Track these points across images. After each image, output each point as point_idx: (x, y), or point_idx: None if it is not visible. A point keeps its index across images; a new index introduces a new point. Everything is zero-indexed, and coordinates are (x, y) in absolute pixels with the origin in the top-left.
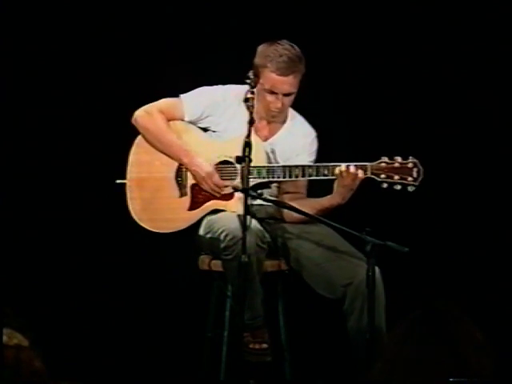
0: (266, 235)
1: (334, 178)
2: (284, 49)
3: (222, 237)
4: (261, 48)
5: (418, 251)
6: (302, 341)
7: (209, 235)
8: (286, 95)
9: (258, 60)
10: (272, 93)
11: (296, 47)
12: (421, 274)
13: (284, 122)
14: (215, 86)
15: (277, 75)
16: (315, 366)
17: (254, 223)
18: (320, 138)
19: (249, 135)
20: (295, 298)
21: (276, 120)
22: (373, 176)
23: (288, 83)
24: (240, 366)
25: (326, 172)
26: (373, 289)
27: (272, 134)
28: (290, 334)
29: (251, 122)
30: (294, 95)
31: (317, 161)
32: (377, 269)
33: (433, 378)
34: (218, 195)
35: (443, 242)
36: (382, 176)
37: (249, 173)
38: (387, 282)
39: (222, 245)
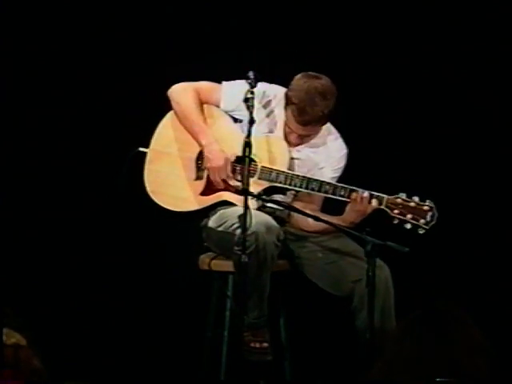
0: (281, 233)
1: (348, 200)
2: (312, 98)
3: (237, 231)
4: (296, 82)
5: (418, 251)
6: (302, 340)
7: (220, 228)
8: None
9: (290, 92)
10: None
11: (329, 93)
12: (421, 274)
13: (316, 134)
14: (258, 83)
15: (295, 121)
16: (315, 365)
17: (271, 220)
18: (349, 159)
19: (249, 135)
20: (295, 298)
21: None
22: (386, 209)
23: (304, 129)
24: (240, 365)
25: (342, 193)
26: (373, 288)
27: (301, 143)
28: (290, 333)
29: (251, 122)
30: (312, 135)
31: (339, 180)
32: (386, 266)
33: (431, 378)
34: (220, 187)
35: (443, 242)
36: (396, 211)
37: (249, 173)
38: None
39: (237, 239)
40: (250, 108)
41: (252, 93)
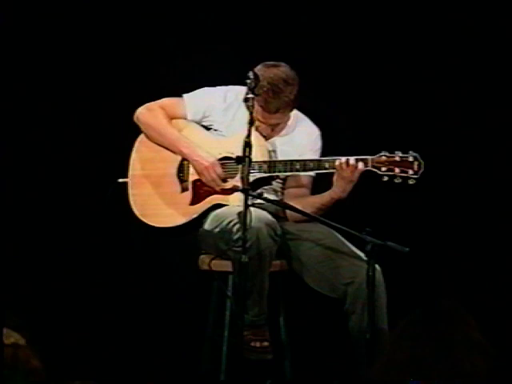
0: (279, 228)
1: (334, 171)
2: (276, 85)
3: (234, 229)
4: (257, 72)
5: (419, 251)
6: (303, 339)
7: (217, 229)
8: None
9: (251, 83)
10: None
11: (291, 78)
12: (421, 274)
13: (287, 121)
14: (217, 87)
15: (263, 110)
16: (316, 364)
17: (268, 216)
18: (323, 135)
19: (249, 135)
20: (296, 297)
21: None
22: (373, 169)
23: (274, 118)
24: (240, 365)
25: (326, 165)
26: (373, 289)
27: (274, 133)
28: (290, 332)
29: (251, 122)
30: (282, 122)
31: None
32: (378, 268)
33: (429, 378)
34: (217, 189)
35: (443, 242)
36: (383, 169)
37: (249, 173)
38: (387, 282)
39: (235, 237)
40: (249, 108)
41: (252, 93)
